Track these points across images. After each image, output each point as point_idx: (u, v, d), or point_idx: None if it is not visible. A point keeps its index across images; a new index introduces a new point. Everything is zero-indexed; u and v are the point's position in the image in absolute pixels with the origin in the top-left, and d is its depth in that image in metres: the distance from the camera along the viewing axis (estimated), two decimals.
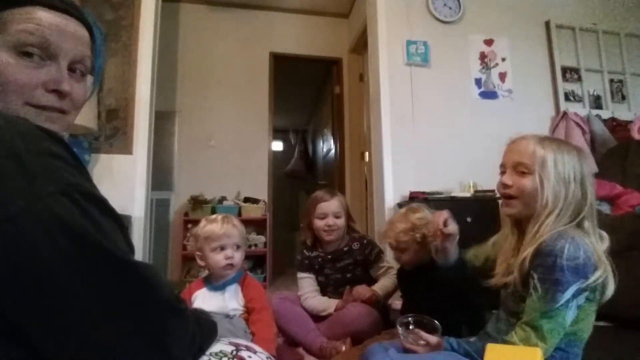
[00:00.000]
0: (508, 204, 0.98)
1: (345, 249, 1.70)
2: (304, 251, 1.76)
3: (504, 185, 0.98)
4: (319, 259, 1.72)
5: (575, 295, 0.82)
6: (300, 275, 1.73)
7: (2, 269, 0.40)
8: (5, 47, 0.49)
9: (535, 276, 0.84)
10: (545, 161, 0.91)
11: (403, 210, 1.44)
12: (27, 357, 0.44)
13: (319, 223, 1.67)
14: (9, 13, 0.49)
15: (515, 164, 0.96)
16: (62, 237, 0.42)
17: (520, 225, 1.00)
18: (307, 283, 1.70)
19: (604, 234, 0.93)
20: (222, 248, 1.26)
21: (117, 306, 0.46)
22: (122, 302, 0.46)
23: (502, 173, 1.01)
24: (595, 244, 0.88)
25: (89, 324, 0.44)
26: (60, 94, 0.53)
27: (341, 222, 1.68)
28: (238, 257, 1.27)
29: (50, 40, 0.51)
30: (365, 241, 1.71)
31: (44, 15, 0.51)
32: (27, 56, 0.51)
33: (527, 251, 0.88)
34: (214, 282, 1.29)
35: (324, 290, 1.70)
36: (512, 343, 0.83)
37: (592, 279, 0.82)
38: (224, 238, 1.26)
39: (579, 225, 0.90)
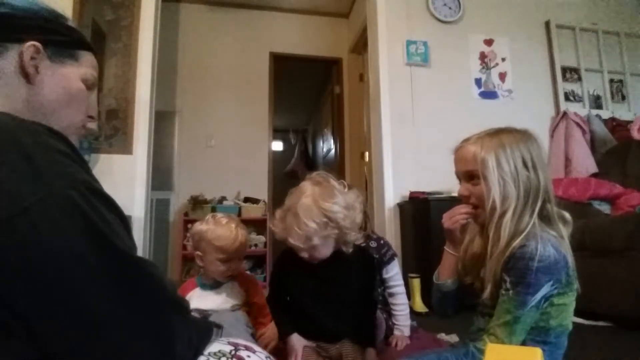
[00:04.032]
0: (474, 214, 0.94)
1: (363, 245, 1.68)
2: None
3: (462, 197, 0.95)
4: None
5: (545, 295, 0.81)
6: None
7: (13, 264, 0.41)
8: (78, 77, 0.63)
9: (508, 279, 0.83)
10: (486, 163, 0.86)
11: (308, 197, 1.12)
12: (38, 356, 0.44)
13: None
14: (83, 53, 0.64)
15: (464, 174, 0.94)
16: (73, 233, 0.43)
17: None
18: None
19: (567, 215, 0.90)
20: (229, 260, 1.22)
21: (126, 302, 0.46)
22: (131, 297, 0.47)
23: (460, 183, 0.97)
24: (560, 231, 0.86)
25: (98, 318, 0.45)
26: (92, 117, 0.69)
27: None
28: (240, 266, 1.26)
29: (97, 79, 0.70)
30: (382, 241, 1.70)
31: (95, 61, 0.67)
32: (85, 86, 0.65)
33: (497, 258, 0.86)
34: (207, 281, 1.27)
35: None
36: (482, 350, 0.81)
37: (563, 273, 0.82)
38: (233, 254, 1.22)
39: (542, 214, 0.87)
